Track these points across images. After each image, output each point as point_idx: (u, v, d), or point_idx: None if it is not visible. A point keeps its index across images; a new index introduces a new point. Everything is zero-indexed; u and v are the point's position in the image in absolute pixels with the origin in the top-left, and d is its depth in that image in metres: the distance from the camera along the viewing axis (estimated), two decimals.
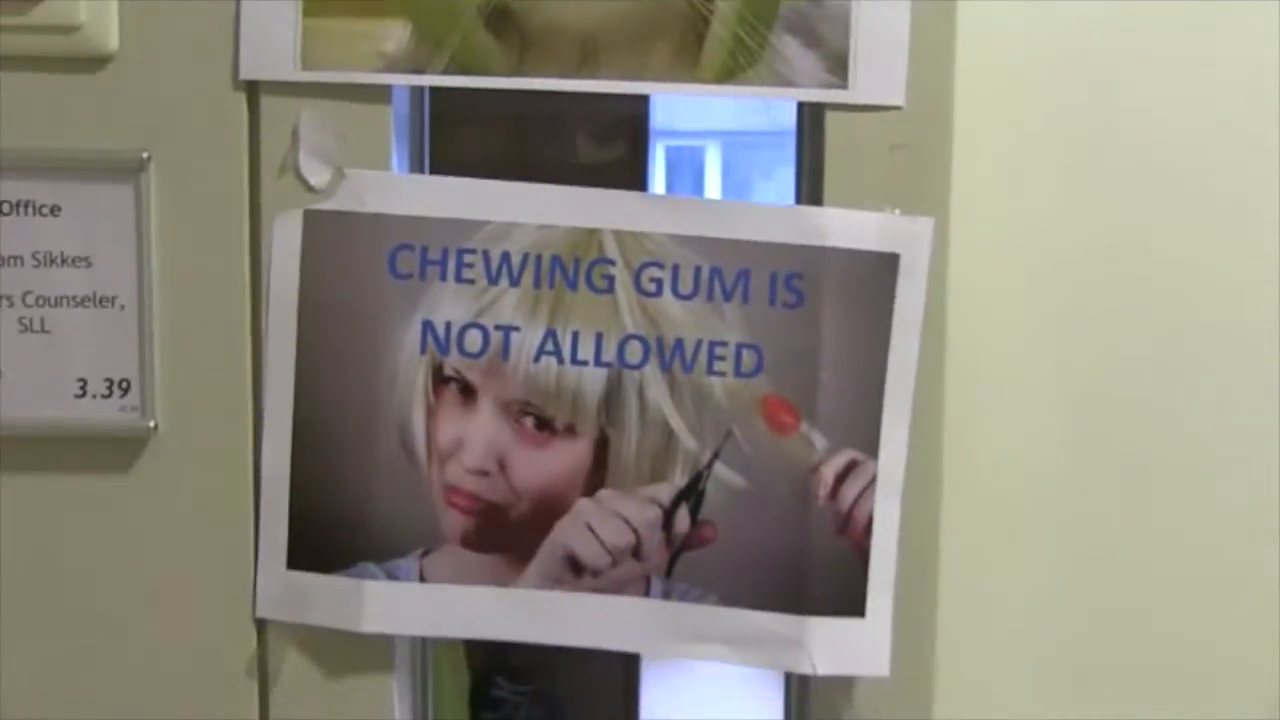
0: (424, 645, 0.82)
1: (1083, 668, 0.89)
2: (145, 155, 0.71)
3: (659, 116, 0.82)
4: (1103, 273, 0.88)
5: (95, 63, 0.71)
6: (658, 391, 0.73)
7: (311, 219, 0.72)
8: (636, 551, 0.73)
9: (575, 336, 0.72)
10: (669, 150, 0.98)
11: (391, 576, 0.73)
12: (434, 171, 0.77)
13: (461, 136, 0.80)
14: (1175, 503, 0.89)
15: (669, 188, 0.97)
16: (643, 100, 0.80)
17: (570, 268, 0.72)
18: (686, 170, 1.03)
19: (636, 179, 0.82)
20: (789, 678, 0.81)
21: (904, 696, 0.75)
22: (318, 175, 0.71)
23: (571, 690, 1.46)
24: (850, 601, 0.73)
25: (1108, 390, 0.88)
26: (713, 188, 1.02)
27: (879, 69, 0.71)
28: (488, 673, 1.38)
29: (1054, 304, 0.88)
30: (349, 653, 0.74)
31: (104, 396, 0.73)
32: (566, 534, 0.73)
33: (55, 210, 0.71)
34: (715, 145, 1.02)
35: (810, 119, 0.74)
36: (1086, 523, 0.88)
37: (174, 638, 0.74)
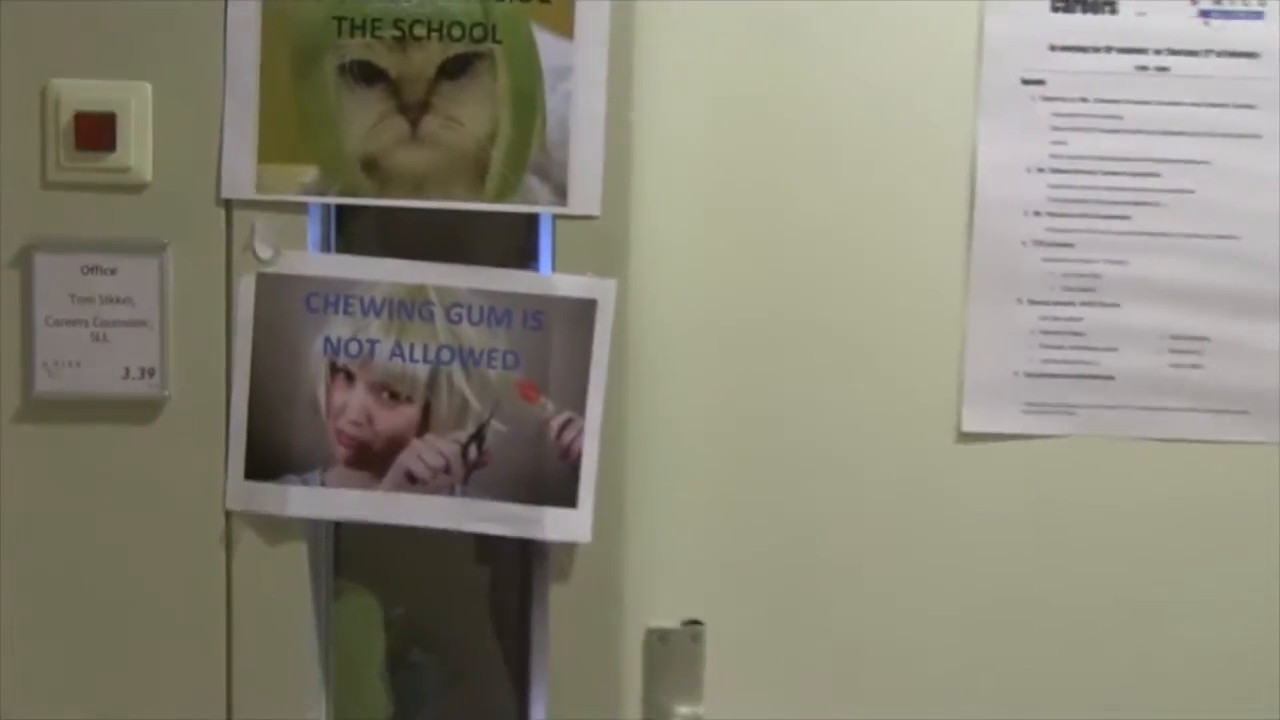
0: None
1: (727, 546, 1.46)
2: (165, 241, 1.26)
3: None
4: (745, 294, 1.43)
5: (138, 187, 1.26)
6: (459, 377, 1.28)
7: (261, 278, 1.27)
8: (447, 470, 1.29)
9: (411, 346, 1.28)
10: None
11: (305, 483, 1.28)
12: (336, 251, 1.33)
13: (358, 229, 1.36)
14: (793, 429, 1.45)
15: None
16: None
17: (409, 306, 1.28)
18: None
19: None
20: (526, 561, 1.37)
21: (599, 555, 1.32)
22: (266, 253, 1.27)
23: (473, 659, 2.03)
24: (568, 499, 1.30)
25: (743, 372, 1.44)
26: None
27: (583, 194, 1.28)
28: (404, 644, 1.88)
29: (709, 316, 1.43)
30: (278, 527, 1.29)
31: (138, 379, 1.27)
32: (406, 459, 1.29)
33: (114, 271, 1.26)
34: None
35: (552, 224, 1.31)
36: (729, 450, 1.45)
37: (176, 521, 1.28)
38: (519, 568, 1.81)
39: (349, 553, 1.48)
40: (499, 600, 1.90)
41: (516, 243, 1.36)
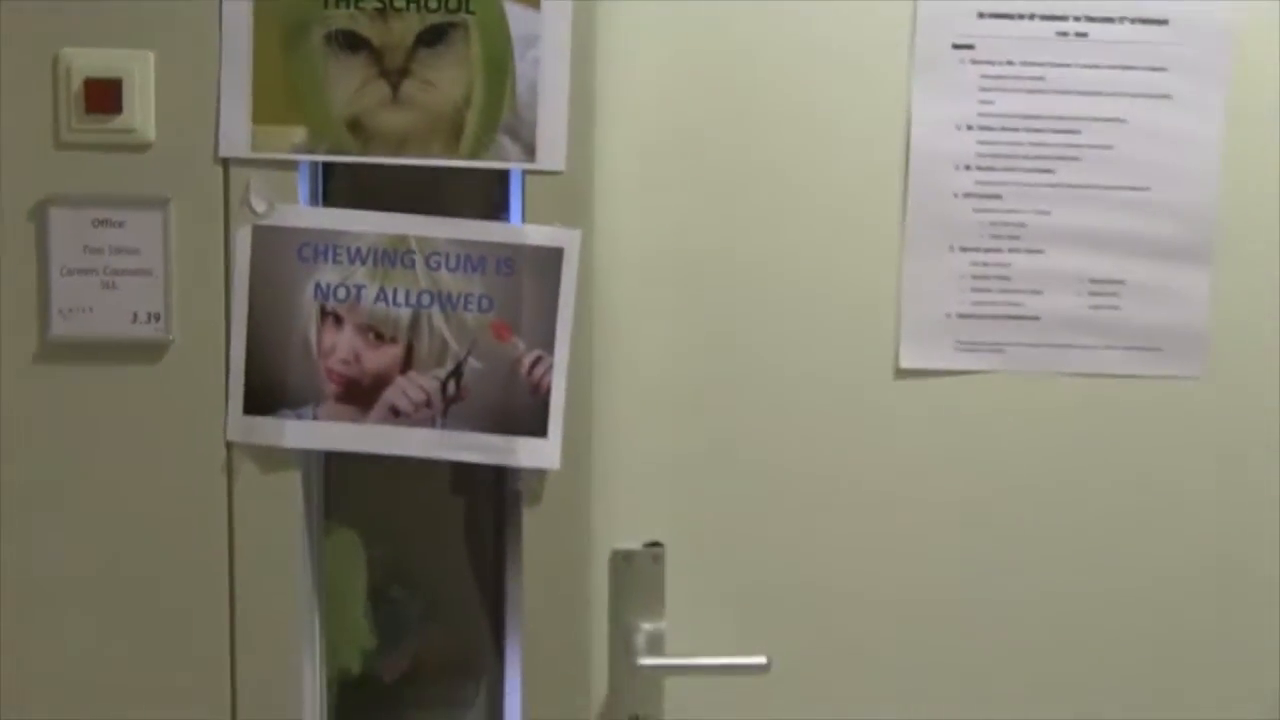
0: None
1: (685, 473, 1.57)
2: (168, 196, 1.37)
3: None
4: (700, 241, 1.54)
5: (143, 146, 1.37)
6: (438, 319, 1.40)
7: (256, 230, 1.38)
8: (428, 404, 1.41)
9: (395, 291, 1.39)
10: None
11: (299, 417, 1.40)
12: (325, 204, 1.44)
13: (345, 184, 1.48)
14: (745, 365, 1.56)
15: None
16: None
17: (392, 255, 1.39)
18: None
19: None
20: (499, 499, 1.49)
21: (567, 481, 1.44)
22: (260, 207, 1.38)
23: (450, 594, 2.13)
24: (539, 429, 1.41)
25: (699, 313, 1.55)
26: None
27: (550, 151, 1.39)
28: (385, 580, 1.99)
29: (667, 262, 1.54)
30: (274, 457, 1.41)
31: (145, 322, 1.38)
32: (390, 394, 1.40)
33: (122, 224, 1.37)
34: None
35: (521, 179, 1.43)
36: (686, 385, 1.56)
37: (181, 452, 1.40)
38: (492, 507, 1.93)
39: (334, 495, 1.57)
40: (474, 539, 2.00)
41: (489, 196, 1.46)
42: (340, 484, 1.57)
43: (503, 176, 1.44)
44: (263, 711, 1.46)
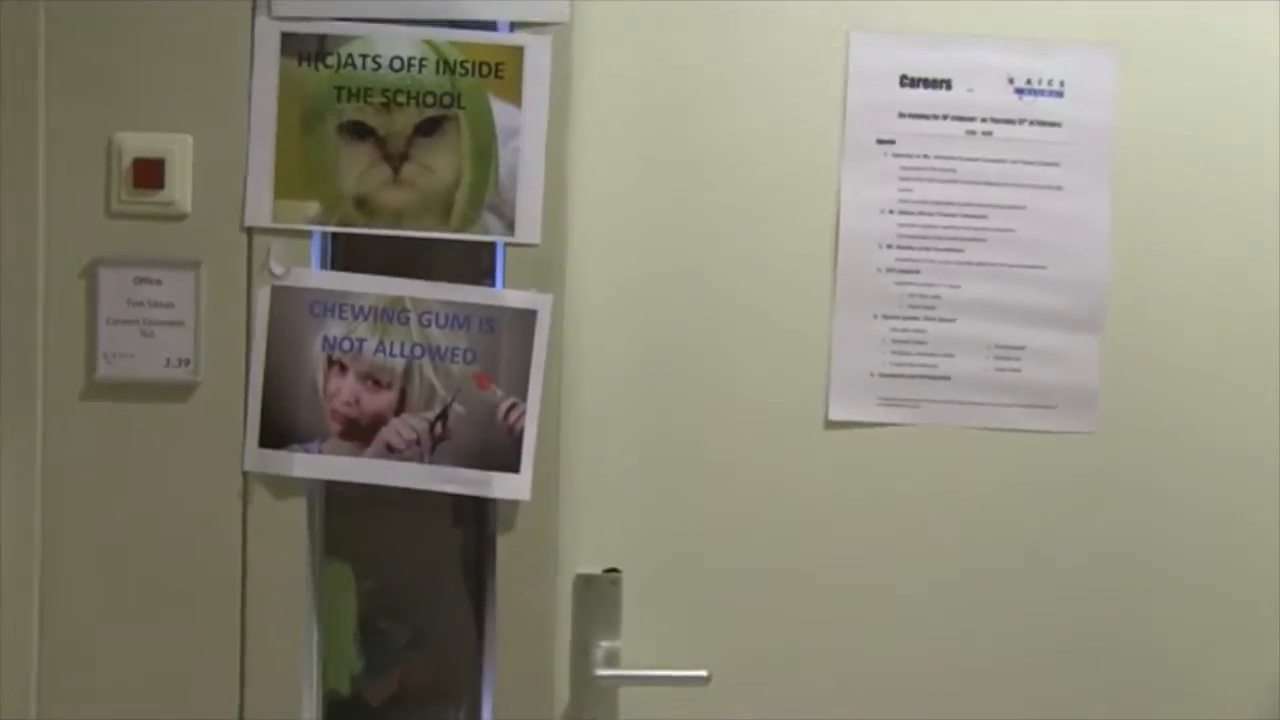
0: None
1: (641, 507, 1.74)
2: (200, 259, 1.60)
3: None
4: (657, 310, 1.72)
5: (180, 216, 1.60)
6: (428, 369, 1.62)
7: (274, 290, 1.61)
8: (418, 442, 1.62)
9: (391, 344, 1.62)
10: None
11: (306, 450, 1.61)
12: (333, 269, 1.66)
13: (351, 252, 1.70)
14: (694, 415, 1.74)
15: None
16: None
17: (390, 313, 1.62)
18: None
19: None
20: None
21: (537, 511, 1.64)
22: (278, 270, 1.61)
23: (433, 627, 2.29)
24: (513, 465, 1.62)
25: (654, 370, 1.72)
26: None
27: (527, 227, 1.62)
28: (373, 613, 2.13)
29: (628, 325, 1.71)
30: (284, 485, 1.62)
31: (177, 366, 1.60)
32: (386, 433, 1.62)
33: (160, 282, 1.59)
34: None
35: (503, 249, 1.65)
36: (643, 431, 1.73)
37: (203, 479, 1.61)
38: (474, 544, 2.10)
39: (329, 531, 1.73)
40: (456, 574, 2.17)
41: (475, 263, 1.67)
42: (335, 522, 1.74)
43: (487, 247, 1.65)
44: (268, 714, 1.64)
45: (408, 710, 2.30)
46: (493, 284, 1.66)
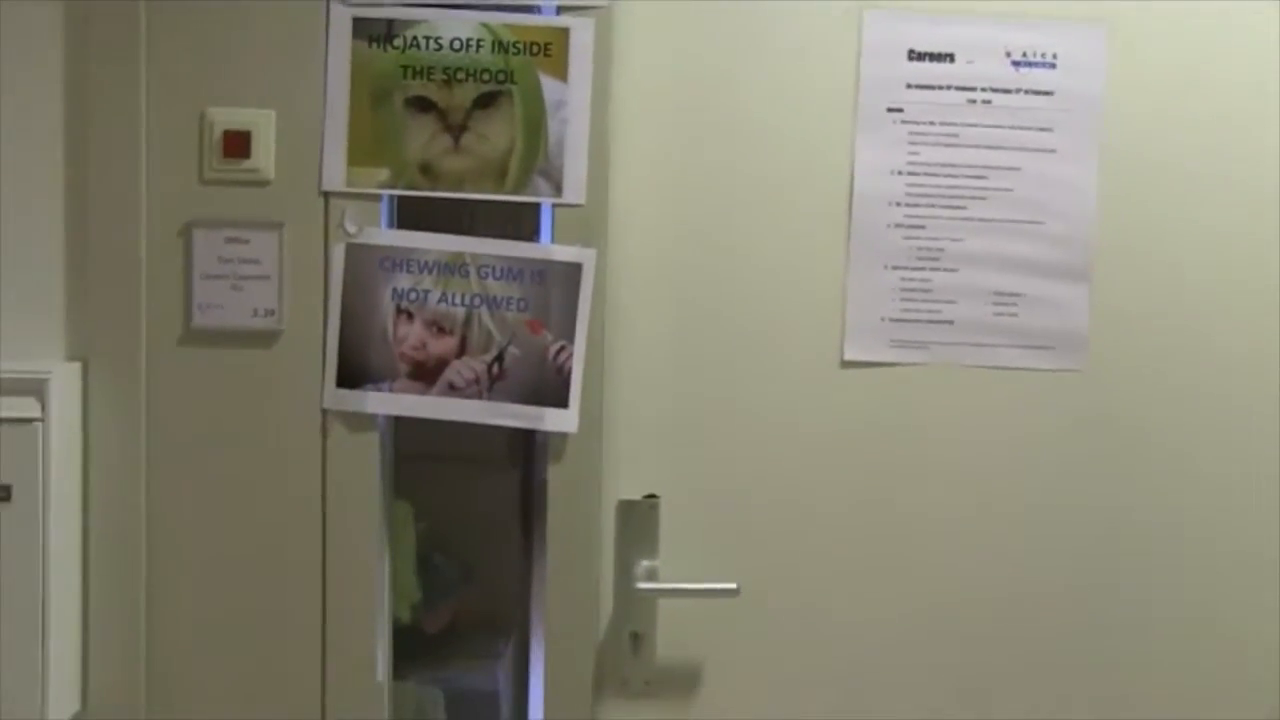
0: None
1: (677, 439, 1.91)
2: (283, 221, 1.78)
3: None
4: (690, 259, 1.89)
5: (265, 183, 1.77)
6: (485, 317, 1.80)
7: (349, 247, 1.79)
8: (477, 381, 1.80)
9: (453, 295, 1.80)
10: None
11: (379, 390, 1.80)
12: (401, 228, 1.84)
13: (417, 212, 1.89)
14: (725, 355, 1.91)
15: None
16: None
17: (451, 267, 1.80)
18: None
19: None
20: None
21: (583, 443, 1.82)
22: (352, 229, 1.79)
23: (483, 566, 2.47)
24: (562, 401, 1.80)
25: (688, 314, 1.88)
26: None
27: (573, 188, 1.79)
28: (429, 549, 2.31)
29: (664, 274, 1.87)
30: (358, 421, 1.80)
31: (263, 316, 1.78)
32: (449, 373, 1.80)
33: (248, 241, 1.77)
34: None
35: (551, 210, 1.83)
36: (679, 368, 1.89)
37: (288, 416, 1.79)
38: (519, 489, 2.27)
39: (393, 474, 1.87)
40: (501, 517, 2.35)
41: (527, 222, 1.83)
42: (397, 467, 1.89)
43: (537, 208, 1.82)
44: (347, 630, 1.81)
45: (461, 641, 2.53)
46: (542, 240, 1.82)
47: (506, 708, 2.46)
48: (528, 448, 1.93)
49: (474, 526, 2.52)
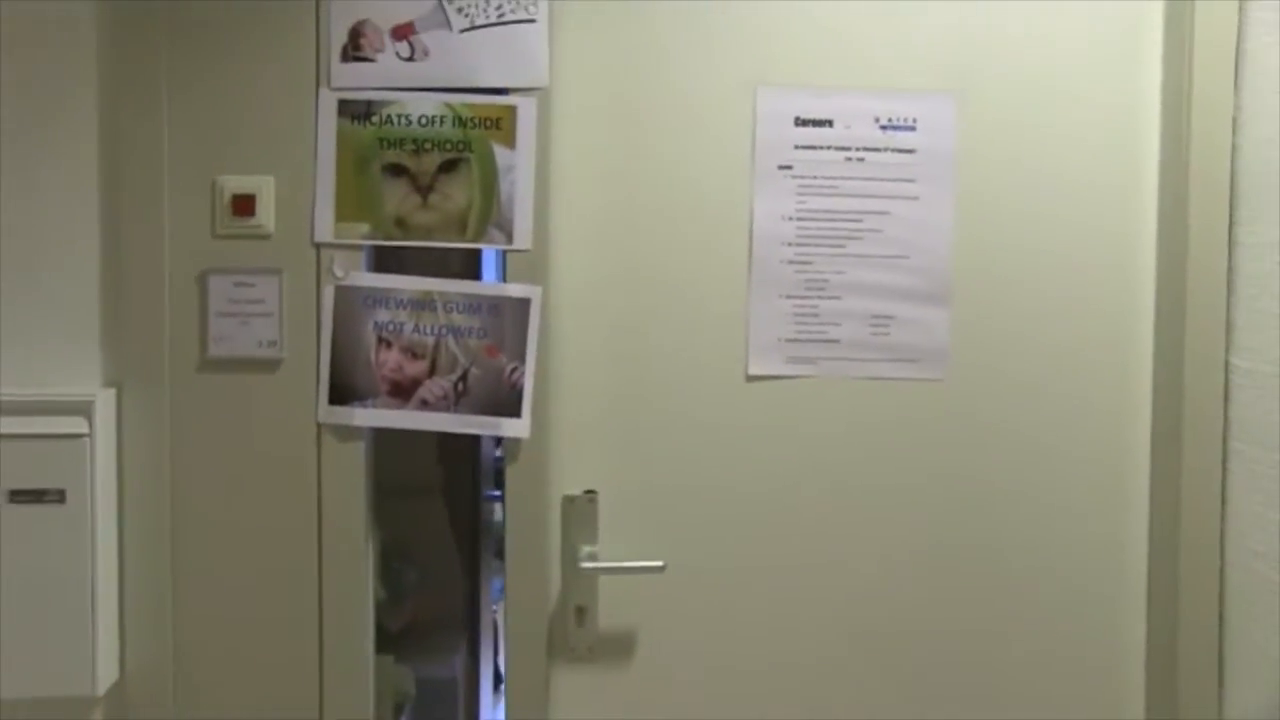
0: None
1: (613, 442, 2.21)
2: (282, 268, 2.12)
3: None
4: (617, 295, 2.18)
5: (267, 236, 2.09)
6: (452, 344, 2.13)
7: (337, 289, 2.11)
8: (445, 397, 2.14)
9: (424, 326, 2.12)
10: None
11: (364, 406, 2.12)
12: (380, 271, 2.16)
13: (393, 259, 2.24)
14: (649, 374, 2.21)
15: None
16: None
17: (422, 302, 2.13)
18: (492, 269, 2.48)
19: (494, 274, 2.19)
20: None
21: (533, 447, 2.15)
22: (340, 273, 2.12)
23: (436, 569, 2.77)
24: (516, 412, 2.12)
25: (617, 340, 2.18)
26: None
27: (521, 237, 2.12)
28: (387, 558, 2.62)
29: (597, 307, 2.15)
30: (347, 433, 2.12)
31: (267, 347, 2.10)
32: (422, 391, 2.13)
33: (253, 285, 2.10)
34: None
35: (504, 255, 2.18)
36: (611, 385, 2.19)
37: (288, 429, 2.10)
38: (470, 493, 2.57)
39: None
40: (453, 523, 2.67)
41: (484, 265, 2.16)
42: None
43: (492, 253, 2.12)
44: (340, 607, 2.10)
45: (420, 638, 2.83)
46: (497, 280, 2.12)
47: (463, 694, 2.78)
48: (471, 471, 2.21)
49: (419, 542, 2.84)
